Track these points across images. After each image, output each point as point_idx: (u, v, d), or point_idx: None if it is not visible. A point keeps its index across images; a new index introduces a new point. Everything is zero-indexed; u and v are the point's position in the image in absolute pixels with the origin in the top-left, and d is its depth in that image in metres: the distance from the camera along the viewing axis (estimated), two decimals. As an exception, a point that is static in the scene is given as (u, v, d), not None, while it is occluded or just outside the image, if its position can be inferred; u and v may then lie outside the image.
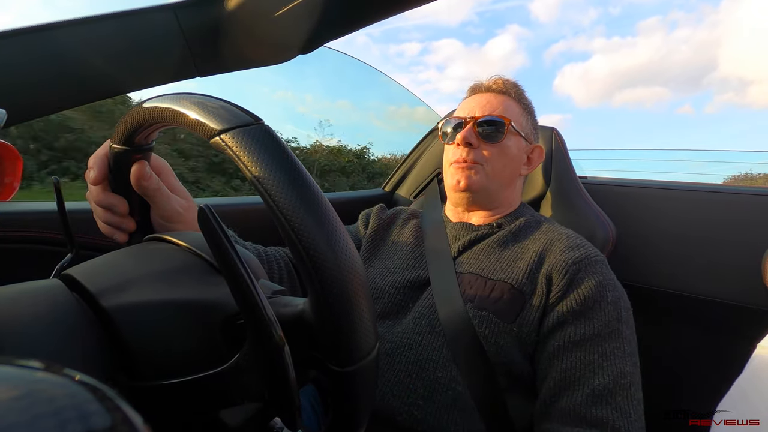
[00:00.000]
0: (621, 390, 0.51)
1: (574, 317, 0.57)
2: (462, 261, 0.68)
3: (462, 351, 0.59)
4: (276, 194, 0.24)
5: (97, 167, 0.41)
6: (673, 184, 1.07)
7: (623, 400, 0.51)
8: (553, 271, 0.60)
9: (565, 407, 0.52)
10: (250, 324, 0.25)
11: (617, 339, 0.55)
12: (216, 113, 0.26)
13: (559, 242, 0.64)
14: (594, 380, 0.52)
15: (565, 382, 0.54)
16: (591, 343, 0.55)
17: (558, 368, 0.55)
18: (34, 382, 0.14)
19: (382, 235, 0.81)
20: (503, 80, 0.77)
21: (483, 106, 0.73)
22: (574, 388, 0.53)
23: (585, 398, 0.51)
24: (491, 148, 0.71)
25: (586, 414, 0.50)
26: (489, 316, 0.59)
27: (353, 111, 2.30)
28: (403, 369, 0.59)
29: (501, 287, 0.61)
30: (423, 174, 1.22)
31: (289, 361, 0.25)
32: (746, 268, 0.89)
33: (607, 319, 0.56)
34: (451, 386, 0.57)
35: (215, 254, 0.24)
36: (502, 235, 0.69)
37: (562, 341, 0.56)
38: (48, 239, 0.64)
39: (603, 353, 0.54)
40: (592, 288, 0.58)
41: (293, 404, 0.26)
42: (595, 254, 0.62)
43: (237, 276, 0.23)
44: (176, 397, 0.27)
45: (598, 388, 0.52)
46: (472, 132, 0.71)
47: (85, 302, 0.27)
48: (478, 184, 0.71)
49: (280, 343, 0.24)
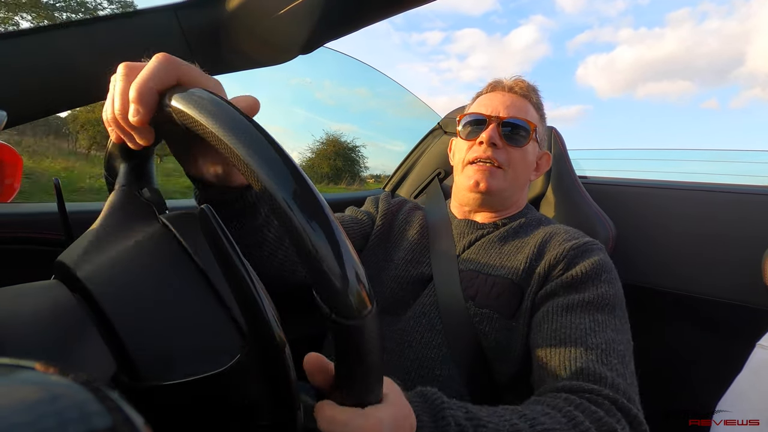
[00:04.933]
0: (615, 354, 0.49)
1: (565, 288, 0.57)
2: (464, 258, 0.68)
3: (461, 349, 0.59)
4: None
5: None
6: (672, 184, 1.07)
7: (618, 363, 0.49)
8: (551, 261, 0.60)
9: (561, 364, 0.50)
10: (250, 324, 0.25)
11: (610, 313, 0.54)
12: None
13: (558, 235, 0.65)
14: (588, 339, 0.50)
15: (557, 341, 0.52)
16: (583, 309, 0.54)
17: (548, 329, 0.53)
18: (35, 383, 0.14)
19: (389, 221, 0.79)
20: (526, 83, 0.74)
21: (507, 106, 0.70)
22: (569, 346, 0.51)
23: (580, 354, 0.49)
24: (514, 152, 0.69)
25: (585, 369, 0.48)
26: (490, 313, 0.59)
27: (371, 98, 2.19)
28: (403, 367, 0.59)
29: (502, 283, 0.61)
30: (423, 174, 1.22)
31: (290, 361, 0.25)
32: (746, 268, 0.89)
33: (602, 293, 0.55)
34: (450, 384, 0.57)
35: (216, 255, 0.24)
36: (503, 231, 0.69)
37: (552, 307, 0.55)
38: (48, 240, 0.64)
39: (595, 320, 0.52)
40: (588, 266, 0.58)
41: (293, 404, 0.26)
42: (593, 243, 0.63)
43: (238, 276, 0.23)
44: (177, 397, 0.27)
45: (592, 347, 0.49)
46: (496, 131, 0.69)
47: (85, 302, 0.27)
48: (496, 187, 0.69)
49: (281, 343, 0.24)
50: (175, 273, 0.30)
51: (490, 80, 0.78)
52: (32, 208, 0.66)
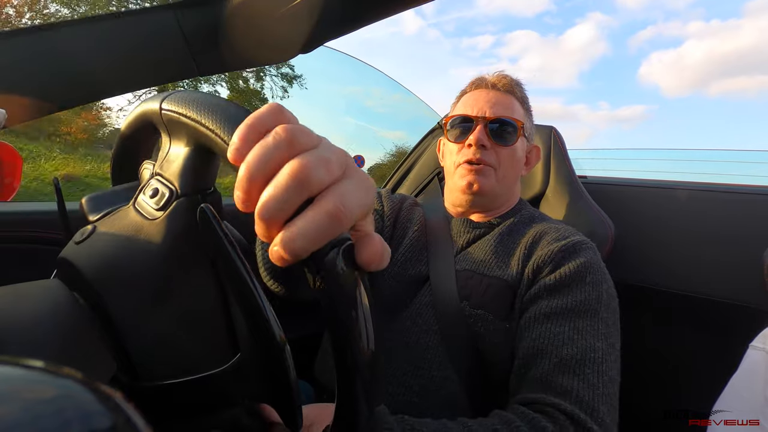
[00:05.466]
0: (590, 363, 0.50)
1: (549, 292, 0.57)
2: (460, 258, 0.68)
3: (457, 350, 0.59)
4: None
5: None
6: (672, 184, 1.07)
7: (592, 373, 0.49)
8: (539, 262, 0.60)
9: (532, 375, 0.51)
10: (251, 324, 0.25)
11: (593, 318, 0.54)
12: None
13: (547, 235, 0.65)
14: (563, 350, 0.51)
15: (534, 351, 0.53)
16: (563, 316, 0.54)
17: (528, 339, 0.54)
18: (35, 383, 0.14)
19: (394, 220, 0.79)
20: (509, 78, 0.74)
21: (493, 105, 0.70)
22: (543, 357, 0.51)
23: (552, 367, 0.50)
24: (503, 151, 0.70)
25: (552, 382, 0.49)
26: (484, 314, 0.59)
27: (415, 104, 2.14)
28: (399, 367, 0.60)
29: (496, 284, 0.61)
30: (423, 173, 1.22)
31: (290, 361, 0.25)
32: (746, 268, 0.89)
33: (585, 298, 0.55)
34: (446, 385, 0.58)
35: (216, 255, 0.24)
36: (498, 231, 0.69)
37: (534, 314, 0.56)
38: (48, 239, 0.64)
39: (575, 327, 0.53)
40: (572, 268, 0.58)
41: (293, 404, 0.26)
42: (582, 241, 0.62)
43: (238, 276, 0.23)
44: (177, 396, 0.27)
45: (566, 358, 0.50)
46: (484, 133, 0.69)
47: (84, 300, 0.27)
48: (488, 187, 0.69)
49: (281, 343, 0.24)
50: (175, 272, 0.30)
51: (487, 79, 0.76)
52: (32, 207, 0.66)
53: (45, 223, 0.64)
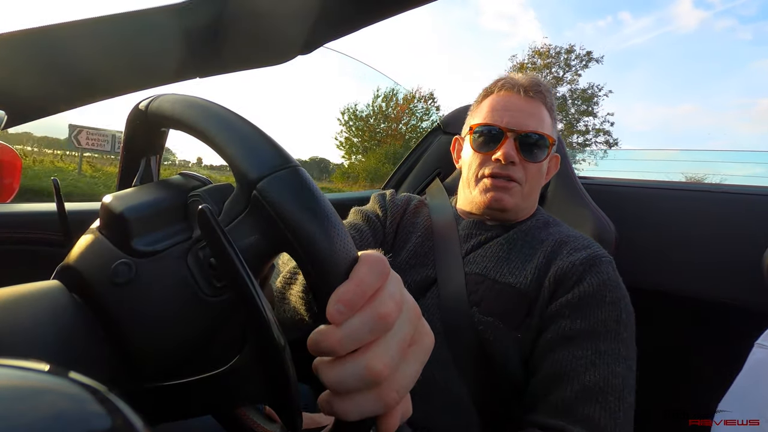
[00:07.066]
0: (612, 390, 0.50)
1: (571, 312, 0.56)
2: (470, 260, 0.66)
3: (463, 353, 0.58)
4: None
5: None
6: (673, 184, 1.07)
7: (614, 400, 0.49)
8: (560, 274, 0.59)
9: (553, 400, 0.51)
10: (251, 325, 0.25)
11: (614, 340, 0.54)
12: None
13: (566, 245, 0.63)
14: (585, 376, 0.51)
15: (556, 375, 0.52)
16: (586, 339, 0.54)
17: (550, 360, 0.54)
18: (34, 384, 0.14)
19: (397, 223, 0.76)
20: (540, 82, 0.69)
21: (524, 116, 0.66)
22: (565, 382, 0.51)
23: (574, 393, 0.50)
24: (531, 167, 0.67)
25: (574, 409, 0.49)
26: (495, 322, 0.58)
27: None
28: None
29: (509, 292, 0.60)
30: (423, 174, 1.22)
31: (290, 361, 0.25)
32: (747, 268, 0.89)
33: (605, 319, 0.55)
34: (449, 387, 0.57)
35: (215, 255, 0.24)
36: (512, 235, 0.67)
37: (556, 334, 0.55)
38: (48, 240, 0.64)
39: (597, 351, 0.53)
40: (594, 286, 0.57)
41: (293, 405, 0.26)
42: (602, 254, 0.61)
43: (237, 277, 0.23)
44: (177, 398, 0.27)
45: (589, 385, 0.50)
46: (514, 147, 0.65)
47: (83, 300, 0.27)
48: (512, 203, 0.66)
49: (281, 344, 0.24)
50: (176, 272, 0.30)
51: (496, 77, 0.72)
52: (32, 208, 0.66)
53: (44, 224, 0.64)
